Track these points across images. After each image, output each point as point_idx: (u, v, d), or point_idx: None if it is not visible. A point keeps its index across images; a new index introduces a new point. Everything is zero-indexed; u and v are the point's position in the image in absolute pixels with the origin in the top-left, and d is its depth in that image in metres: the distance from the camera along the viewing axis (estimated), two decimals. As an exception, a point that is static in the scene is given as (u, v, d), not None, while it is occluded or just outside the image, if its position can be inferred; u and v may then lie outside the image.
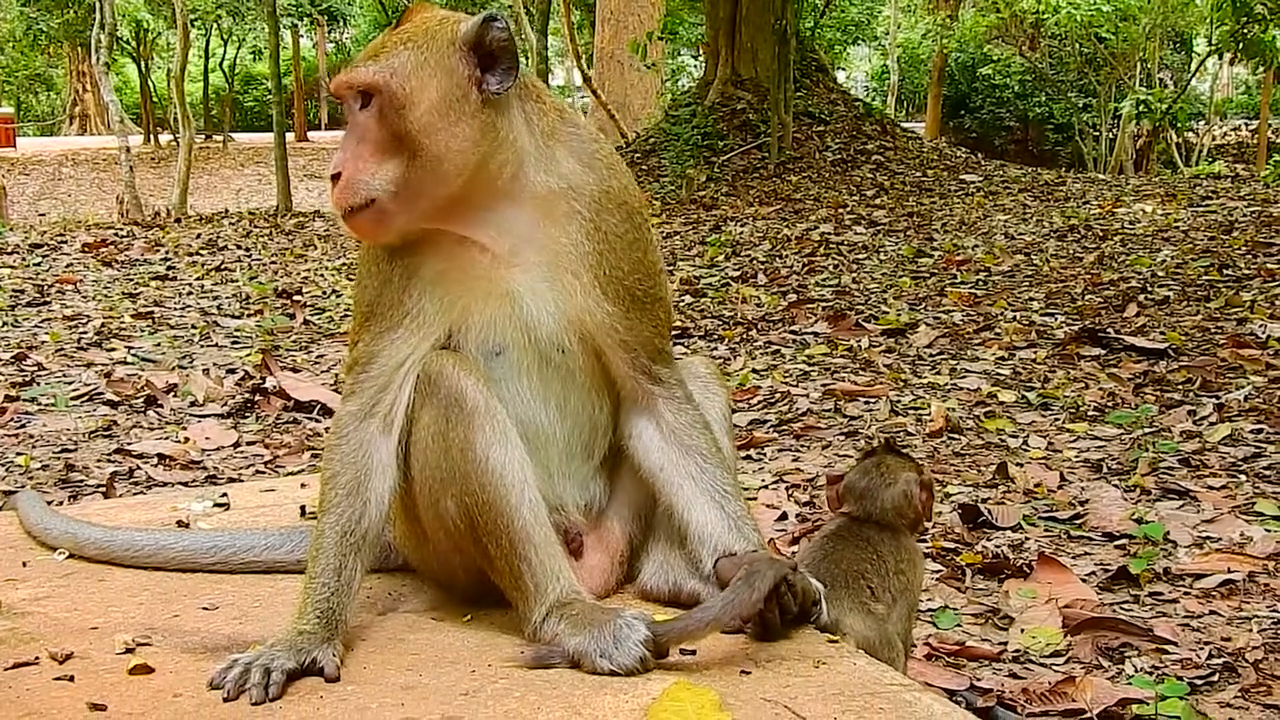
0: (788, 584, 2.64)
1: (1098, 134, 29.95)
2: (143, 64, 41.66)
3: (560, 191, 2.80)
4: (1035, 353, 7.81)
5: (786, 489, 5.46)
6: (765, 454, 6.06)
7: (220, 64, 44.30)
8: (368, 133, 2.68)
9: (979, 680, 3.59)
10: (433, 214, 2.74)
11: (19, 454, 6.03)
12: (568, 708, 2.37)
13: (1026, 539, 4.74)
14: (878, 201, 16.41)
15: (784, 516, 5.07)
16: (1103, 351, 7.71)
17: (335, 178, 2.69)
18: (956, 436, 6.12)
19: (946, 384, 7.21)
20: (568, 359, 2.87)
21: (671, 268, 11.80)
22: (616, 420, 2.98)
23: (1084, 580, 4.28)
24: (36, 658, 2.68)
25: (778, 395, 7.10)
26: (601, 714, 2.34)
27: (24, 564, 3.31)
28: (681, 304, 9.98)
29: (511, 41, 2.71)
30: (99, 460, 5.98)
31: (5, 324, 9.55)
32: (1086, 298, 9.52)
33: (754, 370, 7.76)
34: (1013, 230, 13.50)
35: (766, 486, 5.49)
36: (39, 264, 12.96)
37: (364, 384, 2.82)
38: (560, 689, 2.46)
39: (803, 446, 6.16)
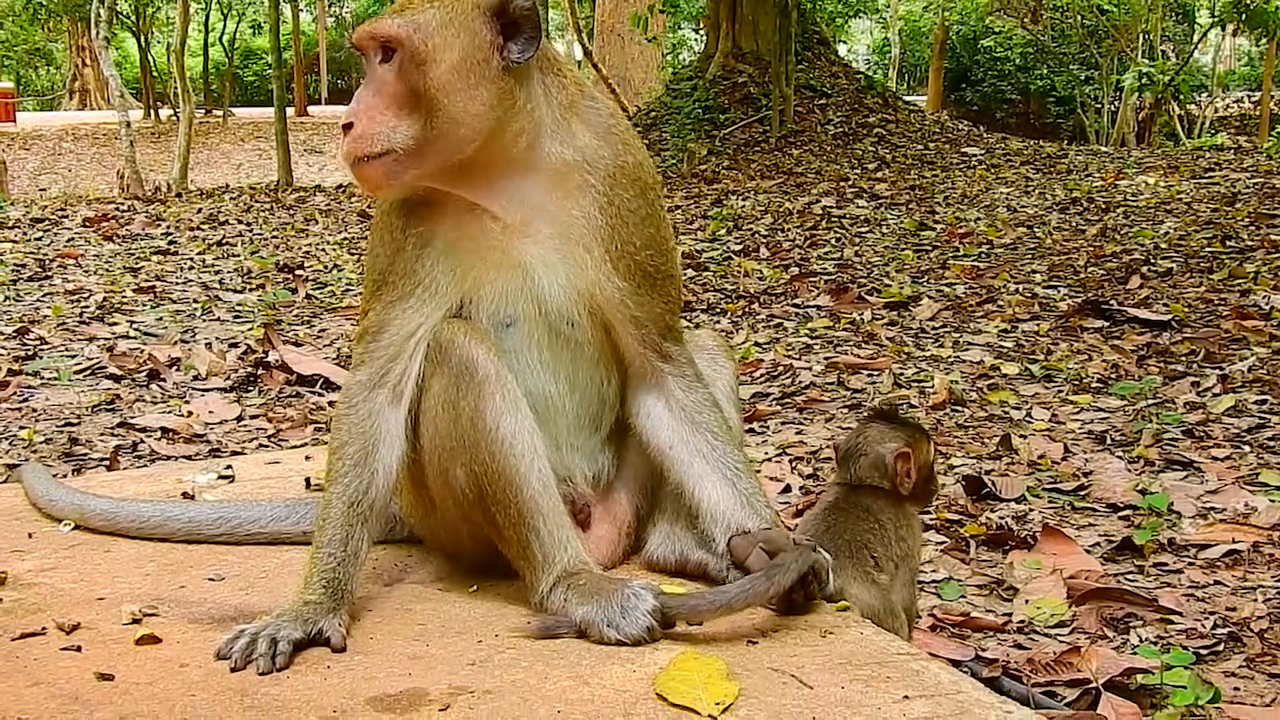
0: (813, 572, 2.65)
1: (1100, 106, 29.83)
2: (142, 38, 41.42)
3: (575, 164, 2.80)
4: (1038, 325, 7.80)
5: (790, 461, 5.46)
6: (768, 427, 6.05)
7: (220, 38, 44.09)
8: (385, 86, 2.67)
9: (984, 651, 3.59)
10: (444, 176, 2.73)
11: (22, 428, 6.03)
12: (575, 677, 2.37)
13: (1030, 510, 4.74)
14: (879, 175, 16.38)
15: (787, 489, 5.07)
16: (1106, 323, 7.70)
17: (348, 127, 2.67)
18: (960, 409, 6.12)
19: (949, 356, 7.21)
20: (577, 332, 2.87)
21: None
22: (624, 395, 2.98)
23: (1088, 551, 4.28)
24: (44, 628, 2.68)
25: (780, 368, 7.09)
26: (609, 683, 2.34)
27: (29, 535, 3.31)
28: (683, 278, 9.96)
29: (535, 11, 2.71)
30: (102, 434, 5.98)
31: (7, 298, 9.53)
32: (1089, 270, 9.50)
33: (756, 344, 7.75)
34: (1015, 203, 13.47)
35: (770, 459, 5.49)
36: (40, 239, 12.94)
37: (374, 353, 2.82)
38: (567, 658, 2.46)
39: (806, 419, 6.15)
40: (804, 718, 2.19)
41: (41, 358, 7.51)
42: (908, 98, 26.17)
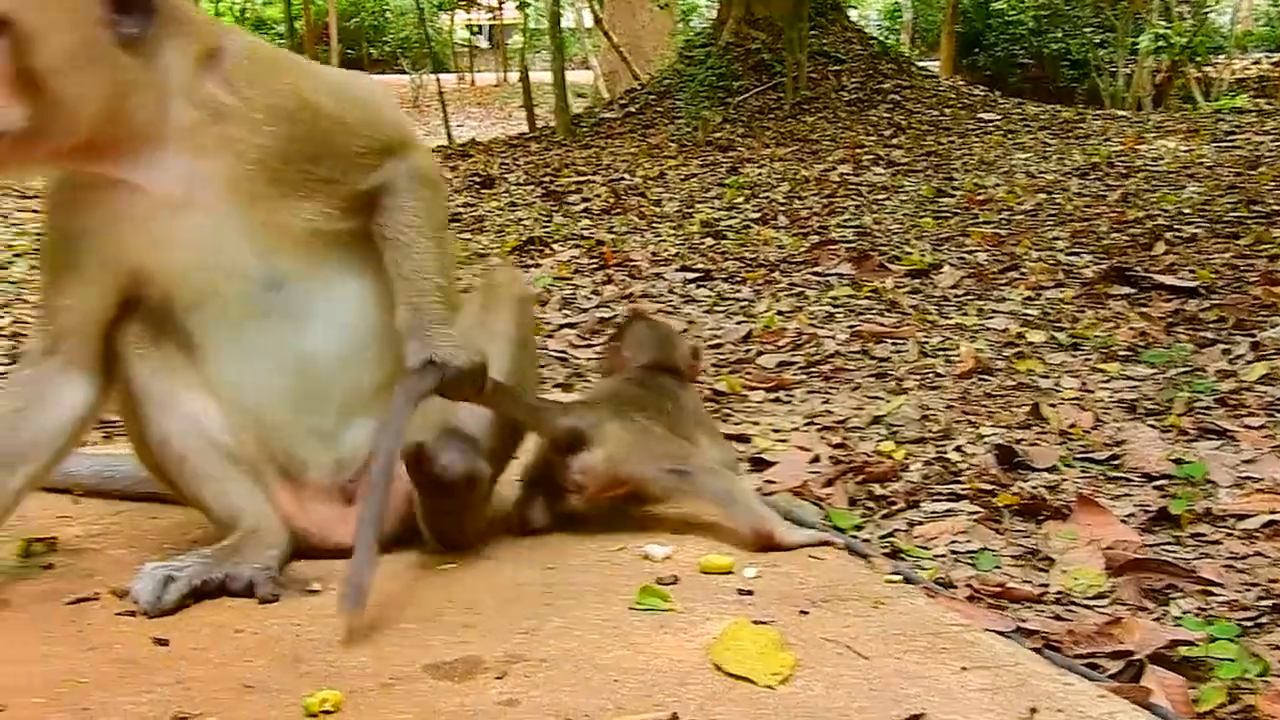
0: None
1: (1115, 70, 29.61)
2: (151, 5, 41.24)
3: (205, 121, 2.67)
4: (1063, 292, 7.77)
5: (818, 431, 5.44)
6: (794, 396, 6.03)
7: (230, 7, 43.94)
8: (1, 64, 2.52)
9: (1024, 622, 3.58)
10: (71, 156, 2.64)
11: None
12: (628, 646, 2.38)
13: (1063, 480, 4.71)
14: (895, 141, 16.29)
15: (817, 459, 5.05)
16: (1132, 290, 7.66)
17: None
18: (987, 377, 6.09)
19: (974, 325, 7.18)
20: (293, 293, 2.81)
21: (690, 210, 11.76)
22: None
23: (1124, 521, 4.26)
24: (97, 594, 2.71)
25: (804, 337, 7.07)
26: (663, 653, 2.35)
27: (75, 501, 3.33)
28: (702, 246, 9.95)
29: None
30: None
31: (33, 267, 9.52)
32: (1112, 236, 9.45)
33: (779, 312, 7.73)
34: (1033, 169, 13.41)
35: (798, 429, 5.47)
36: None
37: (47, 329, 2.85)
38: (620, 628, 2.46)
39: (832, 388, 6.13)
40: (861, 689, 2.19)
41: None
42: (920, 63, 26.02)
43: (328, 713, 2.14)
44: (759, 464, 4.98)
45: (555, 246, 9.91)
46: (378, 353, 2.89)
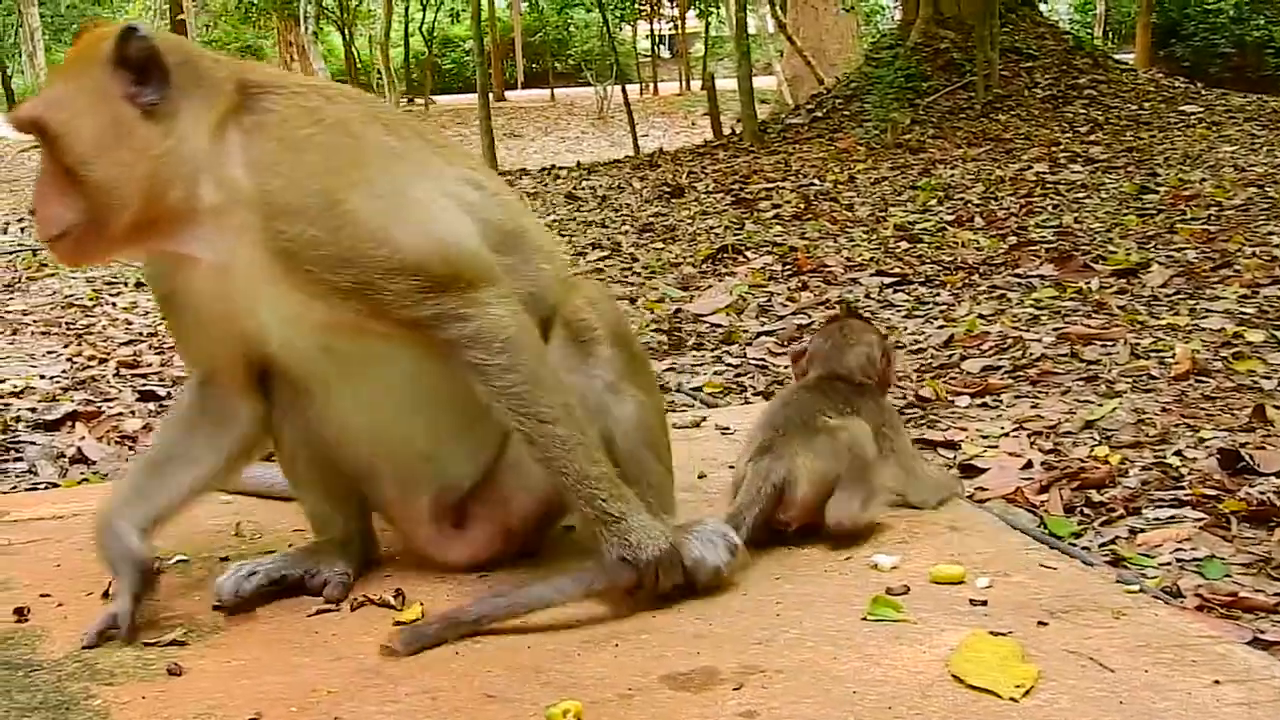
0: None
1: (1324, 57, 28.29)
2: (346, 31, 42.74)
3: (226, 204, 2.63)
4: (1282, 290, 7.45)
5: (1028, 436, 5.32)
6: (1002, 401, 5.92)
7: (419, 28, 45.16)
8: (49, 165, 2.60)
9: (1261, 633, 3.45)
10: (131, 236, 2.66)
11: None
12: (864, 658, 2.37)
13: (1294, 485, 4.52)
14: (1093, 138, 15.84)
15: (1029, 465, 4.94)
16: (1357, 287, 7.31)
17: (33, 212, 2.68)
18: (1205, 379, 5.88)
19: (1187, 325, 6.93)
20: (340, 359, 2.78)
21: (883, 213, 11.63)
22: None
23: (1364, 529, 4.07)
24: (336, 605, 2.81)
25: (1008, 341, 6.92)
26: (901, 664, 2.33)
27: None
28: (897, 250, 9.83)
29: (155, 50, 2.58)
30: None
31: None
32: (1332, 230, 9.03)
33: (980, 316, 7.58)
34: (1242, 162, 12.88)
35: (1007, 434, 5.36)
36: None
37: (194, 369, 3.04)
38: (854, 640, 2.45)
39: (1040, 392, 5.99)
40: (1109, 702, 2.14)
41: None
42: (1116, 56, 25.27)
43: (571, 722, 2.18)
44: (969, 470, 4.90)
45: (748, 254, 9.91)
46: (444, 398, 2.84)
